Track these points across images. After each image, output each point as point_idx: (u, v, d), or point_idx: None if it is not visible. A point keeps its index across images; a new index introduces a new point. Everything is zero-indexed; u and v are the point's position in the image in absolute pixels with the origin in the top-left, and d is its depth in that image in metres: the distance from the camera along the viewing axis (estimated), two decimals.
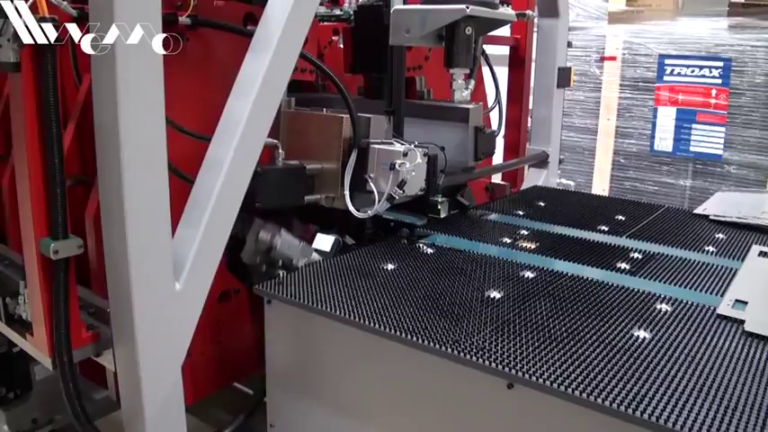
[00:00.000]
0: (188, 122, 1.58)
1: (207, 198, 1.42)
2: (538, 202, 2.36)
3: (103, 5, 1.21)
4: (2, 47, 1.31)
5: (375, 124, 1.80)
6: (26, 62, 1.30)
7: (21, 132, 1.34)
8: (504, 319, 1.36)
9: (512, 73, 2.95)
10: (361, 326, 1.36)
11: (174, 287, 1.39)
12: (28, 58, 1.30)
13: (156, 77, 1.29)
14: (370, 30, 2.16)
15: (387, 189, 1.71)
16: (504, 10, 1.90)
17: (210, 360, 1.79)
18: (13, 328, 1.59)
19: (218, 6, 1.74)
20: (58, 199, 1.35)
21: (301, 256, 1.73)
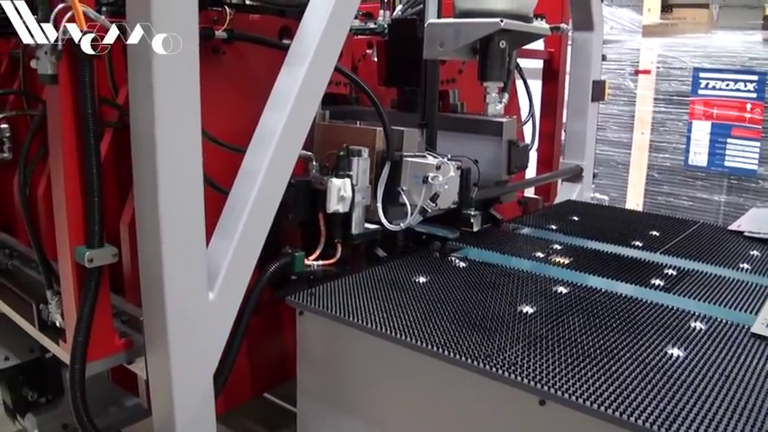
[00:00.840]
0: (223, 134, 1.59)
1: (241, 209, 1.44)
2: (571, 216, 2.33)
3: (141, 18, 1.23)
4: (40, 59, 1.34)
5: (408, 137, 1.80)
6: (64, 74, 1.33)
7: (58, 142, 1.37)
8: (536, 334, 1.34)
9: (545, 86, 2.94)
10: (392, 339, 1.35)
11: (207, 297, 1.41)
12: (65, 70, 1.33)
13: (193, 88, 1.31)
14: (404, 43, 2.17)
15: (419, 202, 1.70)
16: (539, 23, 1.89)
17: (242, 370, 1.80)
18: (46, 334, 1.62)
19: (254, 20, 1.76)
20: (95, 208, 1.37)
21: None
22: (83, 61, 1.31)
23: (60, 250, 1.45)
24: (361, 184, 1.70)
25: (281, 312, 1.78)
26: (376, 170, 1.77)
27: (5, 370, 1.96)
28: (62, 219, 1.40)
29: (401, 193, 1.74)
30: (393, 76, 2.21)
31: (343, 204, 1.66)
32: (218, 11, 1.65)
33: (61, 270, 1.47)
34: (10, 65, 2.28)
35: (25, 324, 1.72)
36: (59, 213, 1.42)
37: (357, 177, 1.69)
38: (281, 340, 1.69)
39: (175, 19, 1.25)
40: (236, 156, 1.52)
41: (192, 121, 1.32)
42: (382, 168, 1.76)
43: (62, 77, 1.32)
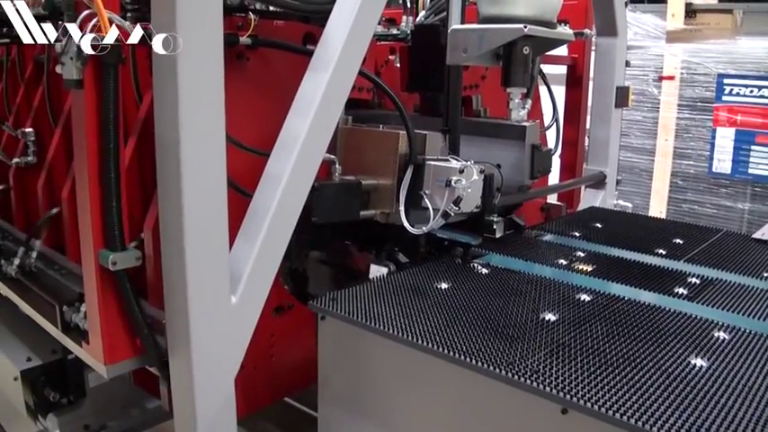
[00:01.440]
0: (247, 139, 1.61)
1: (264, 213, 1.45)
2: (594, 223, 2.31)
3: (166, 24, 1.25)
4: (65, 64, 1.36)
5: (431, 141, 1.80)
6: (89, 79, 1.35)
7: (82, 146, 1.39)
8: (559, 342, 1.33)
9: (569, 92, 2.92)
10: (414, 345, 1.35)
11: (229, 300, 1.42)
12: (91, 75, 1.35)
13: (217, 93, 1.32)
14: (427, 49, 2.17)
15: (442, 206, 1.70)
16: (562, 29, 1.88)
17: (264, 373, 1.80)
18: (70, 335, 1.64)
19: (278, 26, 1.78)
20: (116, 212, 1.38)
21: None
22: (108, 67, 1.33)
23: (84, 253, 1.47)
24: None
25: (305, 316, 1.78)
26: (399, 174, 1.77)
27: (28, 371, 1.98)
28: (86, 222, 1.42)
29: (424, 197, 1.74)
30: (416, 82, 2.21)
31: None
32: (243, 17, 1.66)
33: (85, 272, 1.49)
34: (35, 69, 2.32)
35: (48, 325, 1.74)
36: (83, 216, 1.44)
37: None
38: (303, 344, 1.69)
39: (200, 25, 1.27)
40: (260, 160, 1.53)
41: (216, 126, 1.33)
42: (405, 172, 1.76)
43: (87, 83, 1.34)
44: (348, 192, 1.73)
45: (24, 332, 2.18)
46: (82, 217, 1.46)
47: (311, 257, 2.08)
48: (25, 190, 2.20)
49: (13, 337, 2.18)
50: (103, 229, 1.40)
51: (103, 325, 1.46)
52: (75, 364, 1.98)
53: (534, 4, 1.75)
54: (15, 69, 2.44)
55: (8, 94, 2.46)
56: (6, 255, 2.02)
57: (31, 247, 1.93)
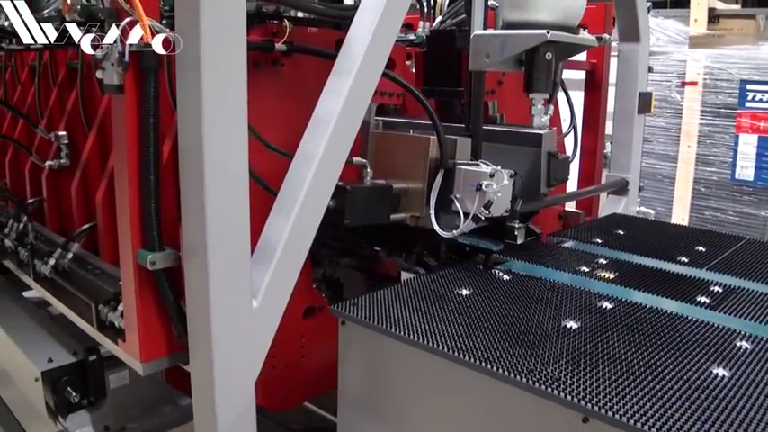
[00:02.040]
0: (281, 142, 1.63)
1: (286, 219, 1.47)
2: (617, 230, 2.31)
3: (190, 30, 1.28)
4: (106, 70, 1.40)
5: (461, 146, 1.82)
6: (129, 85, 1.39)
7: (122, 150, 1.43)
8: (580, 350, 1.34)
9: (588, 98, 2.90)
10: (434, 351, 1.36)
11: (250, 304, 1.44)
12: (131, 80, 1.39)
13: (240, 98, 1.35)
14: (443, 54, 2.18)
15: (473, 210, 1.72)
16: (584, 35, 1.89)
17: (295, 373, 1.84)
18: (105, 333, 1.68)
19: (312, 33, 1.81)
20: (154, 213, 1.42)
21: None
22: (148, 72, 1.37)
23: (122, 253, 1.51)
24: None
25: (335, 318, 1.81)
26: (429, 178, 1.79)
27: (49, 371, 2.00)
28: (125, 223, 1.46)
29: (454, 201, 1.76)
30: (432, 87, 2.23)
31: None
32: (278, 24, 1.70)
33: (122, 272, 1.53)
34: (68, 74, 2.37)
35: (83, 323, 1.79)
36: (122, 217, 1.48)
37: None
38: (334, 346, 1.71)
39: (223, 30, 1.30)
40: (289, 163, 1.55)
41: (238, 133, 1.36)
42: (435, 176, 1.78)
43: (128, 88, 1.38)
44: (379, 195, 1.76)
45: (46, 333, 2.23)
46: (120, 218, 1.50)
47: (343, 264, 2.11)
48: (58, 192, 2.25)
49: (34, 339, 2.21)
50: (142, 230, 1.44)
51: (141, 323, 1.49)
52: (96, 365, 2.01)
53: (557, 9, 1.76)
54: (47, 74, 2.50)
55: (40, 99, 2.52)
56: (40, 255, 2.07)
57: (68, 248, 1.98)
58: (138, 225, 1.44)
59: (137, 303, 1.48)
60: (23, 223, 2.24)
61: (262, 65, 1.68)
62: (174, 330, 1.53)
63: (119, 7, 1.36)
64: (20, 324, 2.34)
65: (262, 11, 1.69)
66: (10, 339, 2.23)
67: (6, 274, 2.65)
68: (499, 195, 1.71)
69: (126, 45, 1.35)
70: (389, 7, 1.53)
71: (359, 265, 2.07)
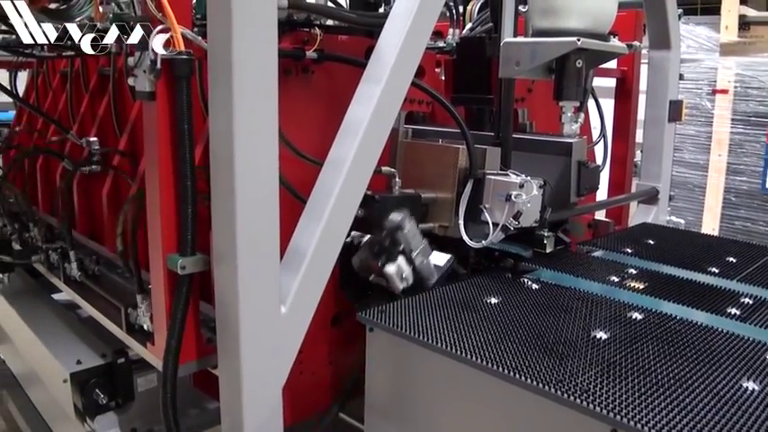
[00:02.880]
0: (311, 149, 1.64)
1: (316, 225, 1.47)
2: (647, 239, 2.28)
3: (222, 38, 1.29)
4: (138, 77, 1.42)
5: (490, 155, 1.82)
6: (161, 92, 1.41)
7: (154, 155, 1.44)
8: (609, 360, 1.32)
9: (618, 106, 2.88)
10: (462, 359, 1.35)
11: (279, 310, 1.44)
12: (163, 88, 1.40)
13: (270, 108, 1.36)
14: (473, 62, 2.18)
15: (502, 220, 1.71)
16: (615, 42, 1.87)
17: (322, 380, 1.85)
18: (134, 336, 1.70)
19: (343, 41, 1.83)
20: (189, 217, 1.43)
21: (422, 252, 1.71)
22: (180, 79, 1.39)
23: (153, 257, 1.53)
24: (415, 246, 1.70)
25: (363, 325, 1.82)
26: (458, 188, 1.78)
27: (77, 373, 2.02)
28: (156, 227, 1.48)
29: (483, 211, 1.75)
30: (461, 95, 2.22)
31: (407, 282, 1.69)
32: (309, 32, 1.72)
33: (152, 276, 1.55)
34: (99, 81, 2.41)
35: (112, 326, 1.81)
36: (153, 222, 1.49)
37: (409, 245, 1.69)
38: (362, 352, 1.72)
39: (255, 38, 1.31)
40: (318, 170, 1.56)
41: (269, 143, 1.37)
42: (464, 186, 1.77)
43: (160, 94, 1.40)
44: (408, 204, 1.75)
45: (75, 336, 2.26)
46: (151, 222, 1.52)
47: None
48: (89, 197, 2.28)
49: (63, 340, 2.24)
50: (172, 235, 1.46)
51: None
52: (124, 368, 2.03)
53: (588, 16, 1.75)
54: (79, 81, 2.54)
55: (72, 105, 2.56)
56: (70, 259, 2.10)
57: (97, 252, 2.01)
58: (169, 229, 1.46)
59: (166, 307, 1.49)
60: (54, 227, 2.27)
61: (292, 72, 1.70)
62: (203, 334, 1.53)
63: (151, 15, 1.38)
64: (49, 326, 2.38)
65: (293, 19, 1.71)
66: (39, 341, 2.26)
67: (37, 276, 2.70)
68: (529, 206, 1.71)
69: (158, 53, 1.37)
70: (420, 15, 1.54)
71: None
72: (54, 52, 2.52)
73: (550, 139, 2.06)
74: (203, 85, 1.50)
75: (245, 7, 1.28)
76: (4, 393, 3.13)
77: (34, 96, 3.01)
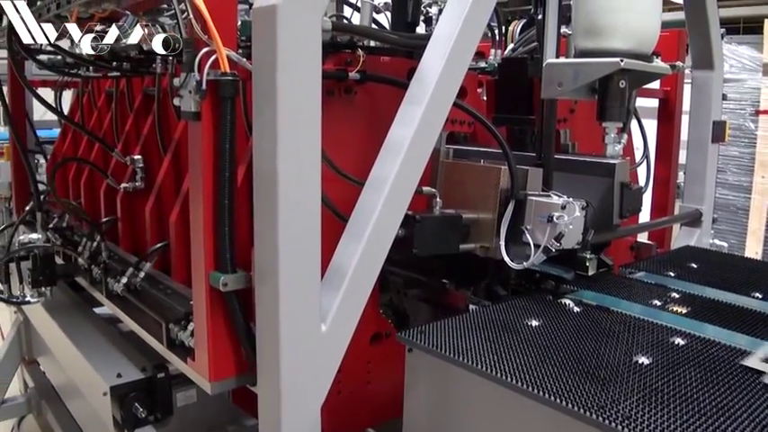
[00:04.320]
0: (353, 169, 1.66)
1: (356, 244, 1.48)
2: (690, 263, 2.24)
3: (267, 61, 1.31)
4: (183, 97, 1.45)
5: (532, 176, 1.81)
6: (206, 112, 1.43)
7: (197, 174, 1.47)
8: (652, 387, 1.30)
9: (661, 127, 2.86)
10: (502, 382, 1.34)
11: (319, 328, 1.45)
12: (208, 108, 1.43)
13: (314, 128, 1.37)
14: (515, 82, 2.18)
15: (543, 241, 1.70)
16: (658, 62, 1.85)
17: (360, 399, 1.85)
18: (175, 352, 1.72)
19: (385, 62, 1.85)
20: (228, 236, 1.45)
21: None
22: (225, 100, 1.41)
23: (195, 274, 1.55)
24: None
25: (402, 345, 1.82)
26: (499, 208, 1.78)
27: (117, 386, 2.04)
28: (198, 244, 1.50)
29: (525, 232, 1.74)
30: (503, 115, 2.22)
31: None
32: (352, 53, 1.74)
33: (194, 292, 1.57)
34: (144, 100, 2.46)
35: (153, 341, 1.83)
36: (196, 239, 1.52)
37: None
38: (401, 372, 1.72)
39: (299, 60, 1.33)
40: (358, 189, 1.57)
41: (312, 161, 1.39)
42: (506, 207, 1.77)
43: (205, 115, 1.43)
44: (449, 225, 1.76)
45: (116, 350, 2.28)
46: (194, 240, 1.54)
47: (410, 295, 2.11)
48: (132, 213, 2.33)
49: (104, 354, 2.26)
50: (215, 252, 1.48)
51: (211, 343, 1.52)
52: (164, 382, 2.04)
53: (630, 37, 1.73)
54: (124, 100, 2.61)
55: (117, 124, 2.62)
56: (112, 273, 2.14)
57: (140, 267, 2.04)
58: (212, 247, 1.48)
59: (207, 323, 1.51)
60: (97, 242, 2.32)
61: (335, 93, 1.72)
62: (243, 351, 1.55)
63: (197, 37, 1.41)
64: (90, 339, 2.41)
65: (336, 40, 1.73)
66: (80, 354, 2.29)
67: (79, 290, 2.75)
68: (571, 227, 1.69)
69: (203, 74, 1.39)
70: (462, 36, 1.55)
71: (426, 296, 2.07)
72: (100, 72, 2.60)
73: (593, 160, 2.04)
74: (247, 105, 1.52)
75: (290, 29, 1.30)
76: (43, 405, 3.19)
77: (79, 115, 3.09)
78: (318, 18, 1.36)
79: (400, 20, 2.04)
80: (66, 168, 2.86)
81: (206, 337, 1.52)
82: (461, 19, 1.54)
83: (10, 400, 3.46)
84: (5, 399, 3.39)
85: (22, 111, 3.09)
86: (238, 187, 1.48)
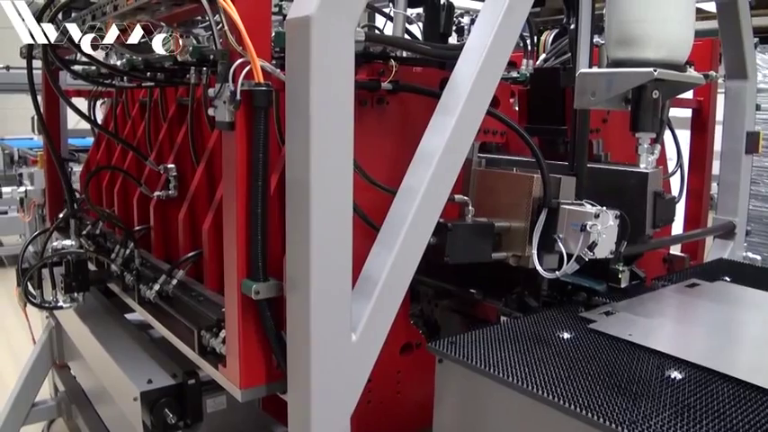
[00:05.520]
0: (385, 178, 1.67)
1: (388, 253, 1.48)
2: (723, 276, 2.21)
3: (300, 72, 1.33)
4: (218, 108, 1.47)
5: (565, 185, 1.80)
6: (240, 122, 1.45)
7: (231, 183, 1.49)
8: (684, 402, 1.28)
9: (694, 137, 2.82)
10: (533, 395, 1.33)
11: (350, 338, 1.45)
12: (242, 118, 1.45)
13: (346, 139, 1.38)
14: (547, 92, 2.17)
15: (576, 250, 1.68)
16: (691, 72, 1.83)
17: (390, 409, 1.85)
18: (206, 358, 1.73)
19: (417, 72, 1.85)
20: (260, 244, 1.46)
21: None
22: (259, 110, 1.43)
23: (227, 282, 1.56)
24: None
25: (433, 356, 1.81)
26: (532, 217, 1.77)
27: (148, 392, 2.05)
28: (231, 253, 1.51)
29: (558, 241, 1.73)
30: (535, 125, 2.21)
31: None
32: (384, 64, 1.75)
33: (227, 300, 1.58)
34: (178, 111, 2.50)
35: (185, 348, 1.85)
36: (229, 248, 1.53)
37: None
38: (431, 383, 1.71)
39: (332, 71, 1.34)
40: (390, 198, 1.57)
41: (344, 171, 1.39)
42: (538, 215, 1.76)
43: (239, 124, 1.44)
44: (481, 233, 1.76)
45: (147, 355, 2.30)
46: (227, 248, 1.56)
47: (441, 306, 2.11)
48: (166, 221, 2.37)
49: (135, 359, 2.28)
50: (247, 260, 1.49)
51: (242, 351, 1.53)
52: (194, 389, 2.04)
53: (664, 46, 1.72)
54: (158, 110, 2.65)
55: (150, 133, 2.66)
56: (145, 280, 2.17)
57: (173, 275, 2.06)
58: (245, 255, 1.49)
59: (239, 331, 1.52)
60: (130, 249, 2.35)
61: (368, 103, 1.74)
62: (274, 359, 1.56)
63: (231, 48, 1.42)
64: (122, 345, 2.42)
65: (369, 51, 1.74)
66: (111, 359, 2.31)
67: (111, 296, 2.79)
68: (604, 237, 1.68)
69: (238, 84, 1.41)
70: (495, 47, 1.55)
71: (457, 307, 2.06)
72: (134, 82, 2.64)
73: (625, 169, 2.02)
74: (280, 115, 1.53)
75: (323, 40, 1.31)
76: (73, 408, 3.24)
77: (113, 124, 3.14)
78: (352, 29, 1.36)
79: (433, 30, 2.05)
80: (100, 177, 2.91)
81: (237, 345, 1.53)
82: (494, 29, 1.54)
83: (40, 403, 3.52)
84: (36, 402, 3.45)
85: (57, 120, 3.15)
86: (271, 196, 1.50)
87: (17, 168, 7.15)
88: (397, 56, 1.82)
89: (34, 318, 3.57)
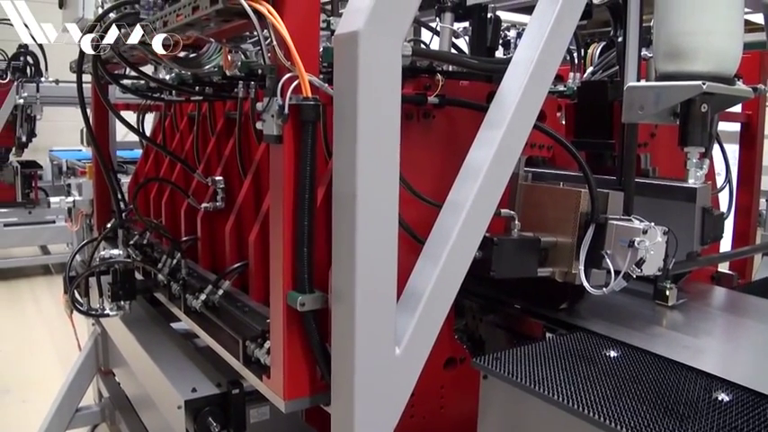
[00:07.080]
0: (431, 192, 1.67)
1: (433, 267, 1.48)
2: None
3: (349, 88, 1.35)
4: (266, 121, 1.49)
5: (613, 200, 1.77)
6: (288, 135, 1.47)
7: (279, 196, 1.51)
8: (731, 425, 1.25)
9: (743, 152, 2.76)
10: (578, 414, 1.31)
11: (394, 351, 1.45)
12: (290, 131, 1.47)
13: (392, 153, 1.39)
14: (594, 106, 2.15)
15: (624, 267, 1.66)
16: (740, 86, 1.80)
17: (434, 424, 1.83)
18: (250, 369, 1.75)
19: (464, 86, 1.86)
20: (306, 257, 1.48)
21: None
22: (306, 124, 1.45)
23: (273, 293, 1.58)
24: None
25: (477, 371, 1.81)
26: (579, 232, 1.75)
27: (192, 401, 2.07)
28: (278, 265, 1.53)
29: (605, 257, 1.71)
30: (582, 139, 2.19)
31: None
32: (430, 78, 1.76)
33: (272, 311, 1.60)
34: (226, 124, 2.55)
35: (229, 357, 1.87)
36: (276, 259, 1.55)
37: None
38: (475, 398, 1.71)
39: (380, 85, 1.35)
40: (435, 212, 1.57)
41: (390, 186, 1.40)
42: (585, 231, 1.74)
43: (286, 138, 1.46)
44: (527, 248, 1.75)
45: (191, 364, 2.33)
46: (273, 260, 1.57)
47: (486, 321, 2.10)
48: (213, 232, 2.41)
49: (179, 368, 2.31)
50: (293, 272, 1.51)
51: (286, 362, 1.54)
52: (238, 398, 2.06)
53: (713, 59, 1.69)
54: (206, 123, 2.70)
55: (198, 146, 2.72)
56: (191, 290, 2.20)
57: (219, 285, 2.10)
58: (291, 267, 1.51)
59: (284, 342, 1.53)
60: (177, 260, 2.40)
61: (414, 117, 1.74)
62: (318, 371, 1.56)
63: (279, 63, 1.45)
64: (166, 353, 2.46)
65: (415, 65, 1.76)
66: (156, 367, 2.35)
67: (156, 305, 2.84)
68: (652, 253, 1.65)
69: (286, 99, 1.43)
70: (542, 61, 1.54)
71: (502, 323, 2.05)
72: (182, 96, 2.70)
73: (674, 184, 1.99)
74: (327, 129, 1.55)
75: (370, 55, 1.33)
76: (117, 414, 3.30)
77: (161, 137, 3.22)
78: (399, 43, 1.38)
79: (479, 44, 2.06)
80: (148, 188, 2.97)
81: (282, 356, 1.54)
82: (542, 42, 1.54)
83: (85, 408, 3.60)
84: (80, 407, 3.53)
85: (105, 132, 3.24)
86: (317, 209, 1.51)
87: (65, 179, 7.34)
88: (444, 70, 1.83)
89: (80, 325, 3.65)
